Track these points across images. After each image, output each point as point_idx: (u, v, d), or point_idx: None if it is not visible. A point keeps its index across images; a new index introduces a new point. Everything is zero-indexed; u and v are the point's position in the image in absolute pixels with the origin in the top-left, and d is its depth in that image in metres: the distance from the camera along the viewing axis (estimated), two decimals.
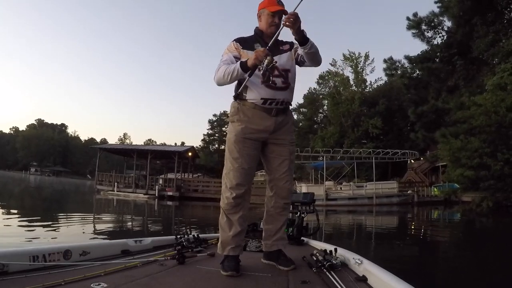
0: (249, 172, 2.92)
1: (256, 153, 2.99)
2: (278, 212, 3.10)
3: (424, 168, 45.71)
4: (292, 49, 3.02)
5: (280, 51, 2.97)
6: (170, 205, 26.19)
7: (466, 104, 24.09)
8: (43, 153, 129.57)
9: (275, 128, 2.94)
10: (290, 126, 3.11)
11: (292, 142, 3.11)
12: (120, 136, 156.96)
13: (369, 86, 57.00)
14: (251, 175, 2.99)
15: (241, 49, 2.93)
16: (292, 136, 3.13)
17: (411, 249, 9.92)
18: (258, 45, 2.91)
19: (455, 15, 31.09)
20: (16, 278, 2.20)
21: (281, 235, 3.11)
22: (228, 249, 2.84)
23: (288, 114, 3.07)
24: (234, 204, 2.86)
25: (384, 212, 24.18)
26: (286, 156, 3.04)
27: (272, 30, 2.92)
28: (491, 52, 27.30)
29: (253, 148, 2.93)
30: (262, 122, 2.90)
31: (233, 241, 2.85)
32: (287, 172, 3.04)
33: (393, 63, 37.67)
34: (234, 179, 2.87)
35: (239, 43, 2.95)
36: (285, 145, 3.04)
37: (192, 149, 41.31)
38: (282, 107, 2.95)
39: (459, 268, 7.20)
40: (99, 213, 16.31)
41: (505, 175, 20.68)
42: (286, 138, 3.05)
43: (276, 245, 3.07)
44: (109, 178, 37.78)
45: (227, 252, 2.84)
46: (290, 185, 3.08)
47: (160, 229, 12.47)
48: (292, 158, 3.09)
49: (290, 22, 2.59)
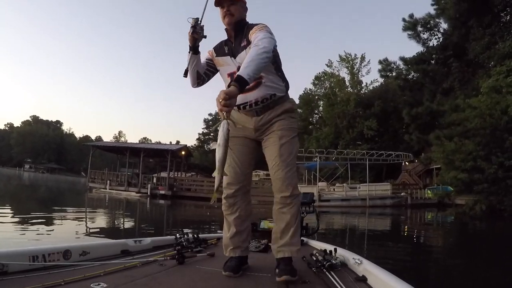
0: (239, 171, 2.81)
1: (247, 151, 2.86)
2: (277, 209, 2.72)
3: (418, 171, 45.91)
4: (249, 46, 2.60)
5: (240, 47, 2.71)
6: (162, 203, 26.12)
7: (461, 107, 24.25)
8: (38, 150, 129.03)
9: (261, 126, 2.78)
10: (282, 115, 2.78)
11: (283, 127, 2.75)
12: (115, 134, 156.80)
13: (364, 87, 57.33)
14: (244, 174, 2.83)
15: (215, 57, 2.88)
16: (284, 122, 2.77)
17: (408, 250, 9.98)
18: (226, 47, 2.82)
19: (451, 17, 31.30)
20: (16, 278, 2.19)
21: (287, 240, 2.68)
22: (228, 250, 2.83)
23: (275, 108, 2.77)
24: (228, 204, 2.82)
25: (377, 213, 24.17)
26: (275, 142, 2.72)
27: (227, 21, 2.75)
28: (486, 54, 27.47)
29: (242, 146, 2.84)
30: (245, 123, 2.80)
31: (231, 243, 2.82)
32: (277, 158, 2.68)
33: (388, 64, 37.94)
34: (225, 179, 2.78)
35: (214, 49, 2.90)
36: (274, 132, 2.75)
37: (185, 148, 41.26)
38: (260, 106, 2.72)
39: (456, 269, 7.26)
40: (83, 211, 16.25)
41: (499, 178, 20.76)
42: (275, 128, 2.76)
43: (282, 251, 2.68)
44: (101, 176, 37.60)
45: (227, 253, 2.83)
46: (283, 173, 2.66)
47: (151, 228, 12.43)
48: (283, 142, 2.70)
49: (225, 107, 2.13)
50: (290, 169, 2.69)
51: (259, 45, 2.36)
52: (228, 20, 2.73)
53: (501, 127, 21.39)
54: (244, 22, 2.78)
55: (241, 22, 2.76)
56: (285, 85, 2.83)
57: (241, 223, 2.85)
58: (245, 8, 2.82)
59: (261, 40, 2.41)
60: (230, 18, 2.72)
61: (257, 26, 2.60)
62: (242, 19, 2.78)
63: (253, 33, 2.55)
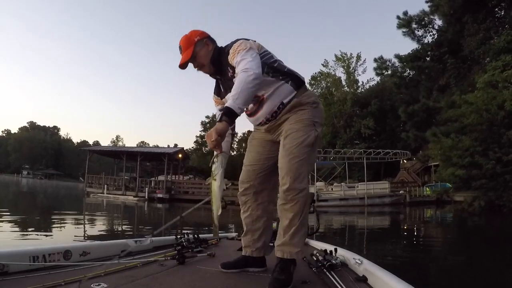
0: (252, 168, 2.80)
1: (262, 151, 2.80)
2: (279, 205, 2.53)
3: (416, 168, 45.96)
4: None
5: (229, 79, 2.59)
6: (160, 207, 26.09)
7: (457, 103, 24.24)
8: (35, 156, 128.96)
9: (273, 127, 2.70)
10: (290, 112, 2.60)
11: (291, 122, 2.58)
12: (113, 139, 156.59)
13: (361, 86, 57.62)
14: (256, 173, 2.78)
15: (221, 100, 2.83)
16: (293, 117, 2.59)
17: (408, 249, 10.00)
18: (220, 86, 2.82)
19: (446, 14, 31.36)
20: (16, 278, 2.19)
21: (287, 240, 2.49)
22: (242, 248, 2.86)
23: (286, 113, 2.60)
24: (240, 202, 2.82)
25: (376, 212, 24.19)
26: (282, 135, 2.59)
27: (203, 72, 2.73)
28: (482, 49, 27.52)
29: (258, 146, 2.82)
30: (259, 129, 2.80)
31: (243, 241, 2.84)
32: (281, 148, 2.55)
33: (384, 62, 37.92)
34: (240, 176, 2.82)
35: (215, 94, 2.89)
36: (284, 128, 2.61)
37: (182, 151, 41.15)
38: (273, 119, 2.65)
39: (457, 266, 7.29)
40: (81, 216, 16.23)
41: (497, 174, 20.79)
42: (285, 124, 2.61)
43: (281, 251, 2.50)
44: (99, 181, 37.54)
45: (242, 251, 2.86)
46: (283, 161, 2.49)
47: (149, 230, 12.43)
48: (288, 134, 2.54)
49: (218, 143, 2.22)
50: (293, 158, 2.46)
51: (247, 72, 2.27)
52: (204, 71, 2.71)
53: (498, 122, 21.43)
54: (216, 54, 2.66)
55: (214, 58, 2.66)
56: (290, 83, 2.61)
57: (252, 222, 2.80)
58: (209, 46, 2.67)
59: (245, 65, 2.31)
60: (203, 69, 2.69)
61: (232, 48, 2.49)
62: (213, 57, 2.65)
63: (232, 58, 2.46)
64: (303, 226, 2.53)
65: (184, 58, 2.60)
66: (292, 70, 2.68)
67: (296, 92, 2.61)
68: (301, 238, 2.51)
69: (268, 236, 2.88)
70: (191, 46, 2.61)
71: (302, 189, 2.45)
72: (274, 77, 2.58)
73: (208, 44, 2.67)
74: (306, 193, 2.48)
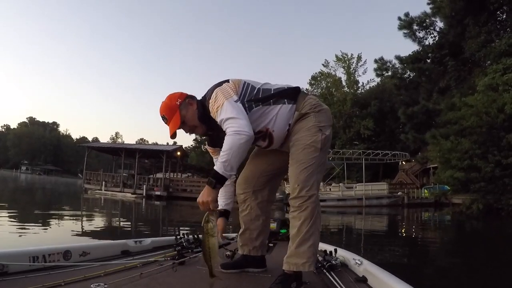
0: (255, 168, 2.81)
1: (268, 156, 2.78)
2: (290, 213, 2.42)
3: (415, 170, 45.91)
4: None
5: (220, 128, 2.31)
6: (157, 204, 26.04)
7: (457, 105, 24.20)
8: (34, 152, 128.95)
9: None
10: (296, 124, 2.48)
11: (297, 131, 2.47)
12: (112, 135, 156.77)
13: (361, 87, 57.43)
14: (258, 172, 2.78)
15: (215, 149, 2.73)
16: (298, 126, 2.48)
17: (406, 250, 10.03)
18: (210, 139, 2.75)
19: (447, 16, 31.29)
20: (16, 278, 2.20)
21: (293, 249, 2.34)
22: (239, 247, 2.86)
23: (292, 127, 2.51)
24: (239, 200, 2.82)
25: (374, 213, 24.18)
26: (290, 149, 2.48)
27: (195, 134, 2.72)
28: (483, 52, 27.46)
29: (264, 152, 2.78)
30: None
31: (240, 239, 2.83)
32: (291, 161, 2.46)
33: (384, 63, 37.78)
34: (241, 174, 2.83)
35: (208, 145, 2.81)
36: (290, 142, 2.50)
37: (180, 149, 41.09)
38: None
39: (455, 268, 7.31)
40: (78, 213, 16.25)
41: (496, 177, 20.78)
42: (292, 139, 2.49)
43: (287, 263, 2.35)
44: (97, 177, 37.55)
45: (238, 250, 2.86)
46: (291, 169, 2.43)
47: (147, 230, 12.43)
48: (294, 143, 2.46)
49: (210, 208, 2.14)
50: (300, 165, 2.39)
51: (239, 134, 2.14)
52: (197, 132, 2.60)
53: (498, 125, 21.40)
54: (202, 110, 2.46)
55: (203, 115, 2.46)
56: (286, 101, 2.48)
57: (250, 221, 2.78)
58: (193, 105, 2.47)
59: (234, 125, 2.18)
60: (197, 130, 2.54)
61: (210, 105, 2.34)
62: (200, 114, 2.46)
63: (215, 116, 2.31)
64: (313, 235, 2.34)
65: (173, 127, 2.42)
66: (280, 86, 2.55)
67: (296, 105, 2.49)
68: (309, 248, 2.32)
69: (266, 236, 2.87)
70: (176, 112, 2.42)
71: (310, 196, 2.34)
72: (266, 105, 2.44)
73: (191, 103, 2.48)
74: (314, 200, 2.35)
